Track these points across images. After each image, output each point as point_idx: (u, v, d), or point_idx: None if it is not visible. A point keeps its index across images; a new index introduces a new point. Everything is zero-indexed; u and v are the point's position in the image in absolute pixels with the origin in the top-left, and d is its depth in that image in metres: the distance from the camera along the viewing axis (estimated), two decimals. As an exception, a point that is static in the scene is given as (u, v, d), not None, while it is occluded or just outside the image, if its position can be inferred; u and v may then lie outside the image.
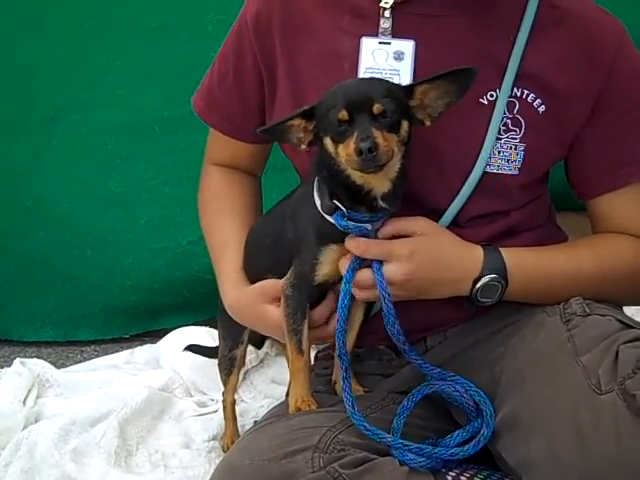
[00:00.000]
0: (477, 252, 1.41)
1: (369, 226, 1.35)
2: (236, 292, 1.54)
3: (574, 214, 1.67)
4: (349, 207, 1.34)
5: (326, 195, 1.35)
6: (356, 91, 1.29)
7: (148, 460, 1.78)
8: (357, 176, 1.31)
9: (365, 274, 1.36)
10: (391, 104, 1.27)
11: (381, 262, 1.35)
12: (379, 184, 1.32)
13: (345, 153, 1.27)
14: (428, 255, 1.37)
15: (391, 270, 1.35)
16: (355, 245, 1.35)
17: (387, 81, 1.34)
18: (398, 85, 1.34)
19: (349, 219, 1.34)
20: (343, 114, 1.27)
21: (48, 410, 1.98)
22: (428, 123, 1.33)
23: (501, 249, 1.42)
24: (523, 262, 1.42)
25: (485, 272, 1.39)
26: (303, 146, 1.36)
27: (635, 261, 1.47)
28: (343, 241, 1.36)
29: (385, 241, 1.37)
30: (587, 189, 1.50)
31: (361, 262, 1.36)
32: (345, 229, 1.34)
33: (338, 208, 1.34)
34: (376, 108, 1.26)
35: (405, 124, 1.30)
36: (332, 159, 1.31)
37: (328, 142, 1.30)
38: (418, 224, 1.39)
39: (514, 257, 1.41)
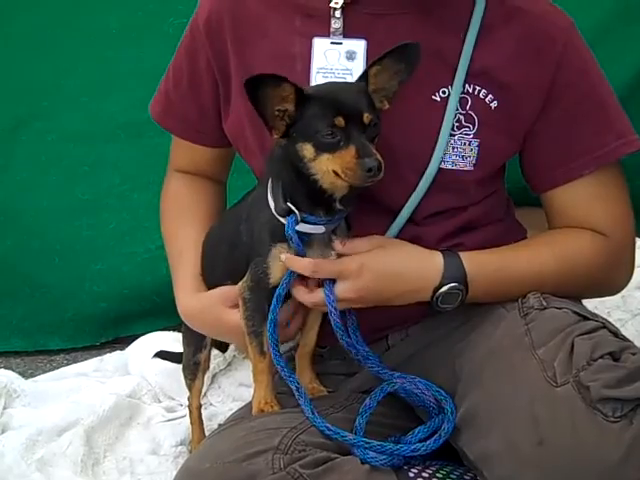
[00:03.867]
0: (436, 260, 1.40)
1: (322, 228, 1.35)
2: (191, 299, 1.54)
3: (533, 209, 1.68)
4: (304, 210, 1.33)
5: (280, 197, 1.35)
6: (346, 99, 1.29)
7: (115, 467, 1.77)
8: (328, 183, 1.30)
9: (315, 294, 1.37)
10: (374, 112, 1.29)
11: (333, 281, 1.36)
12: (342, 188, 1.32)
13: (342, 166, 1.26)
14: (379, 269, 1.37)
15: (341, 288, 1.36)
16: (303, 266, 1.35)
17: (357, 85, 1.33)
18: (363, 85, 1.33)
19: (303, 221, 1.33)
20: (340, 122, 1.26)
21: (15, 421, 1.95)
22: (387, 106, 1.34)
23: (461, 254, 1.41)
24: (484, 267, 1.42)
25: (445, 281, 1.38)
26: (276, 133, 1.30)
27: (594, 257, 1.48)
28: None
29: (335, 260, 1.37)
30: (541, 182, 1.50)
31: (293, 276, 1.37)
32: (288, 238, 1.33)
33: (292, 211, 1.33)
34: (366, 118, 1.27)
35: (379, 126, 1.30)
36: (302, 163, 1.29)
37: (306, 147, 1.28)
38: (371, 242, 1.39)
39: (474, 262, 1.41)
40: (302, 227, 1.34)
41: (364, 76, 1.33)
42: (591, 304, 1.69)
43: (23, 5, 2.31)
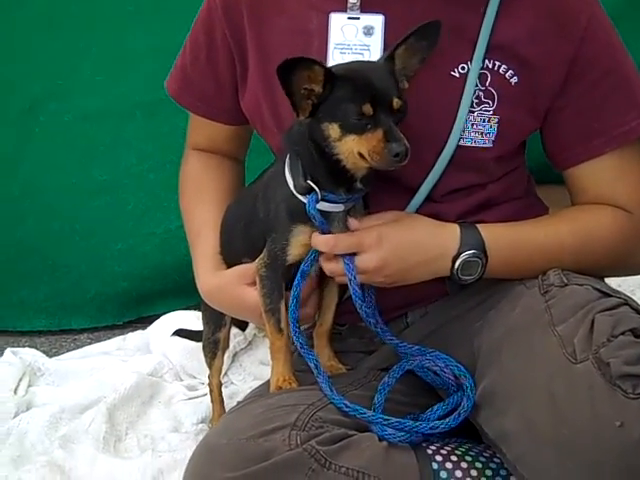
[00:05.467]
0: (453, 230, 1.39)
1: (341, 207, 1.34)
2: (211, 276, 1.54)
3: (556, 187, 1.66)
4: (324, 188, 1.33)
5: (300, 175, 1.34)
6: (374, 84, 1.27)
7: (137, 445, 1.79)
8: (351, 163, 1.30)
9: (335, 264, 1.37)
10: (402, 95, 1.28)
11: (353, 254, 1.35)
12: (364, 169, 1.32)
13: (368, 148, 1.25)
14: (398, 238, 1.36)
15: (363, 259, 1.35)
16: (324, 242, 1.35)
17: (385, 66, 1.32)
18: (390, 66, 1.32)
19: (323, 200, 1.33)
20: (368, 109, 1.25)
21: (39, 399, 1.98)
22: (406, 85, 1.33)
23: (477, 225, 1.40)
24: (501, 236, 1.41)
25: (463, 248, 1.37)
26: (302, 113, 1.29)
27: (616, 233, 1.46)
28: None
29: (353, 233, 1.36)
30: (563, 159, 1.48)
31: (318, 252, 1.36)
32: (311, 217, 1.33)
33: (312, 189, 1.33)
34: (396, 103, 1.27)
35: (406, 109, 1.29)
36: (327, 143, 1.28)
37: (333, 127, 1.27)
38: (385, 216, 1.39)
39: (491, 232, 1.40)
40: (321, 205, 1.34)
41: (391, 56, 1.31)
42: (615, 282, 1.67)
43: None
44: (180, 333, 2.04)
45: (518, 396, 1.23)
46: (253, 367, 2.11)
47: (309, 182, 1.33)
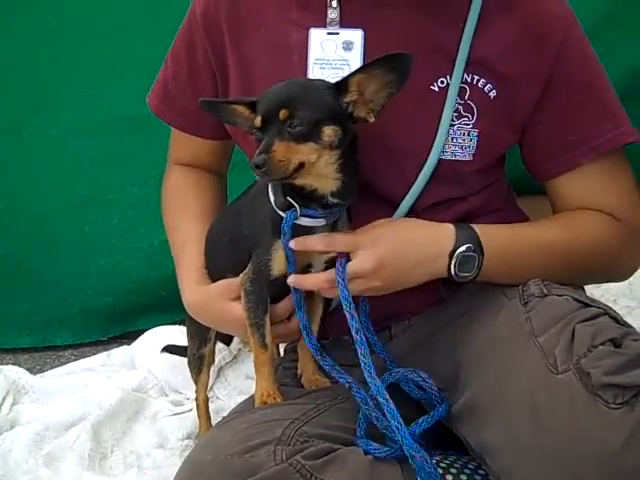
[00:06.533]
0: (448, 227, 1.40)
1: (323, 221, 1.35)
2: (196, 290, 1.54)
3: (532, 197, 1.68)
4: (301, 204, 1.33)
5: (279, 191, 1.35)
6: (272, 97, 1.28)
7: (122, 462, 1.79)
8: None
9: (326, 273, 1.37)
10: (303, 111, 1.24)
11: (347, 259, 1.35)
12: (321, 184, 1.31)
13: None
14: (394, 238, 1.36)
15: (359, 260, 1.34)
16: (319, 241, 1.35)
17: (312, 83, 1.31)
18: (325, 85, 1.30)
19: (303, 215, 1.33)
20: (257, 121, 1.27)
21: (23, 417, 1.98)
22: (372, 119, 1.30)
23: (472, 225, 1.41)
24: (494, 233, 1.41)
25: (459, 243, 1.37)
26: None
27: (605, 236, 1.47)
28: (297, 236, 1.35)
29: (349, 232, 1.37)
30: (541, 172, 1.50)
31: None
32: (283, 234, 1.33)
33: (291, 205, 1.33)
34: (282, 114, 1.24)
35: (328, 130, 1.26)
36: None
37: None
38: (379, 222, 1.39)
39: (485, 230, 1.41)
40: (303, 220, 1.34)
41: (343, 82, 1.29)
42: (597, 292, 1.69)
43: (22, 1, 2.31)
44: (169, 349, 2.04)
45: (500, 407, 1.23)
46: (239, 382, 2.12)
47: (288, 198, 1.33)
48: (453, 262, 1.37)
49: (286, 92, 1.28)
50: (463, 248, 1.37)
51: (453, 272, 1.38)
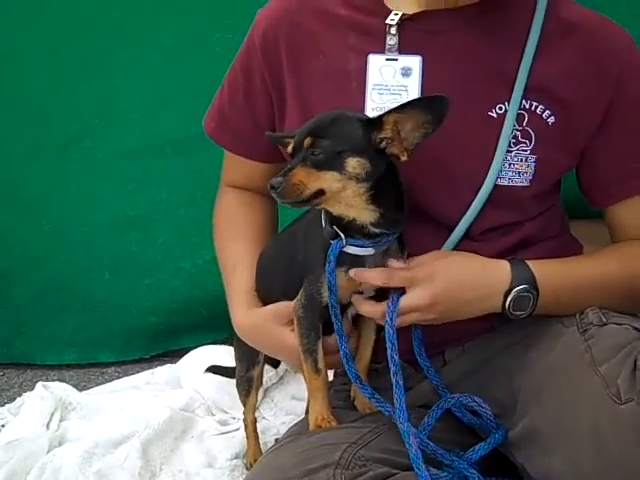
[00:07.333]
0: (503, 266, 1.39)
1: (371, 250, 1.35)
2: (246, 314, 1.54)
3: (587, 222, 1.67)
4: (346, 233, 1.34)
5: (327, 220, 1.37)
6: (305, 127, 1.31)
7: (172, 480, 1.80)
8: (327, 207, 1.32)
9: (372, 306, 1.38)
10: (326, 140, 1.26)
11: (401, 293, 1.35)
12: (357, 215, 1.32)
13: None
14: (450, 276, 1.36)
15: (414, 295, 1.35)
16: (377, 275, 1.35)
17: (345, 115, 1.31)
18: (358, 118, 1.30)
19: (351, 245, 1.34)
20: (289, 148, 1.31)
21: (71, 433, 1.99)
22: (404, 158, 1.28)
23: (527, 261, 1.40)
24: (550, 271, 1.41)
25: (515, 284, 1.37)
26: None
27: None
28: (349, 264, 1.36)
29: (407, 267, 1.37)
30: (599, 198, 1.50)
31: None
32: (328, 261, 1.34)
33: (338, 234, 1.34)
34: (306, 142, 1.28)
35: (353, 161, 1.26)
36: None
37: None
38: (434, 255, 1.39)
39: (541, 267, 1.40)
40: (350, 249, 1.35)
41: (379, 118, 1.27)
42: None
43: (74, 23, 2.35)
44: (213, 369, 2.05)
45: (563, 436, 1.23)
46: (285, 402, 2.11)
47: (334, 227, 1.35)
48: (508, 301, 1.37)
49: (315, 122, 1.31)
50: (518, 289, 1.37)
51: (507, 311, 1.38)
